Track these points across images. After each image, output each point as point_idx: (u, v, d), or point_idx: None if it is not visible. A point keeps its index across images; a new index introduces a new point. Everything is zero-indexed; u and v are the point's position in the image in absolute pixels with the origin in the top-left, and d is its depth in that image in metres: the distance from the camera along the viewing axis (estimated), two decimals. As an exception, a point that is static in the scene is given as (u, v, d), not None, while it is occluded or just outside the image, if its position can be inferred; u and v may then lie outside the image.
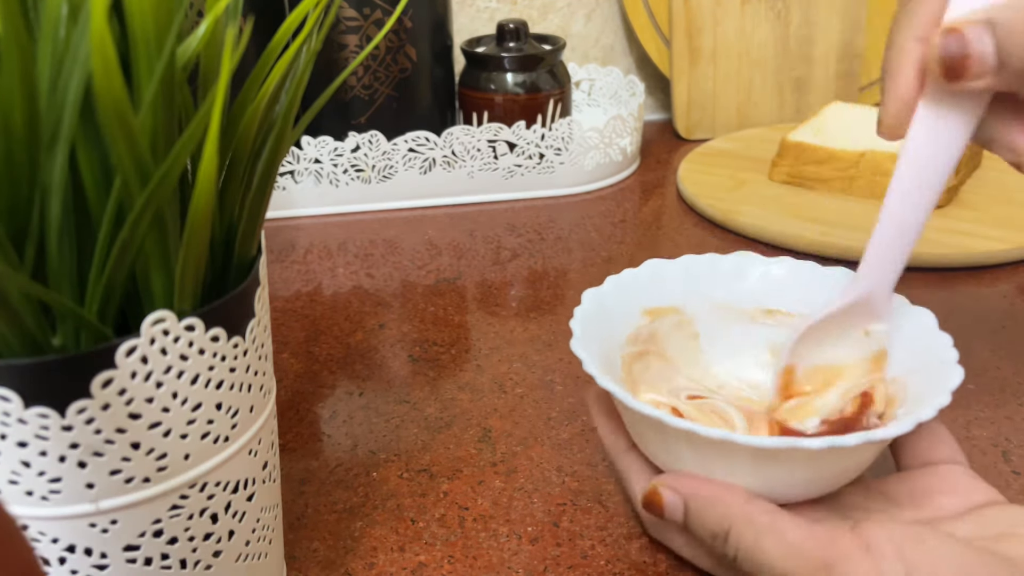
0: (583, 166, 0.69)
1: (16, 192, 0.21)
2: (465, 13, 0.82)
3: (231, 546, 0.28)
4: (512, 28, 0.68)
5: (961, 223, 0.59)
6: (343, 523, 0.37)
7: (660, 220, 0.65)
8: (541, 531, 0.36)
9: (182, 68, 0.23)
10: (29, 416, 0.22)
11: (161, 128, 0.22)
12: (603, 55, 0.86)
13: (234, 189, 0.26)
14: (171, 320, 0.23)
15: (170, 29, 0.21)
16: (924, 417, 0.29)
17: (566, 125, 0.67)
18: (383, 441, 0.42)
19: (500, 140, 0.66)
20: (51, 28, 0.21)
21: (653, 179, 0.73)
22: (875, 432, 0.29)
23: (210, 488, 0.26)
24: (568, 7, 0.83)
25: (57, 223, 0.22)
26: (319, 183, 0.66)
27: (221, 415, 0.26)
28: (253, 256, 0.27)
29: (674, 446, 0.32)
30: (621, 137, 0.70)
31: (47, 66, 0.21)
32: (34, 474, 0.23)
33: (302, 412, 0.44)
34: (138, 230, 0.22)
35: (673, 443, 0.31)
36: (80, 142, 0.22)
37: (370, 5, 0.62)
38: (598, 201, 0.69)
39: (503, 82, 0.68)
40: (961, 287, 0.54)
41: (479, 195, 0.68)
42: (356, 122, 0.67)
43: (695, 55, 0.78)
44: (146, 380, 0.23)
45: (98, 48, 0.18)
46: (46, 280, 0.22)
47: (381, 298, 0.55)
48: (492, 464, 0.40)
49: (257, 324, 0.27)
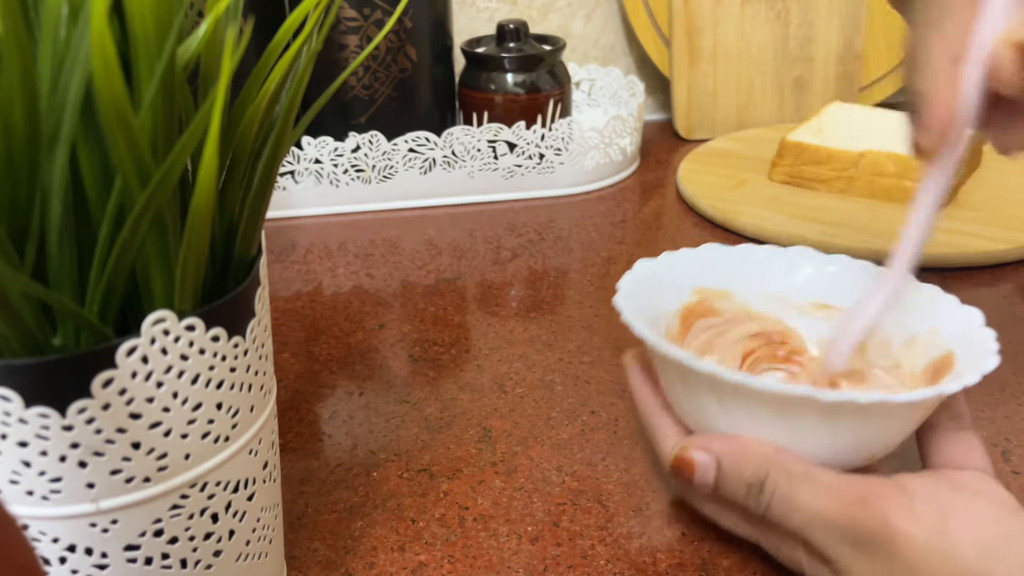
0: (583, 166, 0.69)
1: (16, 192, 0.21)
2: (465, 13, 0.82)
3: (231, 546, 0.28)
4: (512, 28, 0.68)
5: (961, 223, 0.59)
6: (343, 523, 0.37)
7: (660, 220, 0.65)
8: (541, 531, 0.36)
9: (182, 68, 0.23)
10: (30, 416, 0.22)
11: (161, 128, 0.22)
12: (603, 55, 0.86)
13: (234, 189, 0.26)
14: (171, 320, 0.23)
15: (170, 29, 0.21)
16: (946, 391, 0.29)
17: (566, 125, 0.67)
18: (383, 441, 0.42)
19: (500, 140, 0.66)
20: (51, 28, 0.21)
21: (653, 179, 0.73)
22: (892, 395, 0.29)
23: (210, 488, 0.26)
24: (568, 7, 0.83)
25: (57, 223, 0.22)
26: (319, 183, 0.66)
27: (221, 415, 0.26)
28: (253, 256, 0.27)
29: (701, 396, 0.32)
30: (621, 137, 0.70)
31: (47, 66, 0.21)
32: (35, 474, 0.23)
33: (302, 412, 0.44)
34: (138, 230, 0.22)
35: (699, 392, 0.32)
36: (81, 142, 0.22)
37: (370, 5, 0.63)
38: (598, 201, 0.69)
39: (503, 82, 0.68)
40: (961, 287, 0.54)
41: (479, 195, 0.68)
42: (356, 122, 0.67)
43: (695, 55, 0.78)
44: (147, 380, 0.23)
45: (98, 48, 0.18)
46: (46, 280, 0.22)
47: (381, 298, 0.55)
48: (492, 464, 0.40)
49: (257, 324, 0.27)
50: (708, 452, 0.32)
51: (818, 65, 0.80)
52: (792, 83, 0.80)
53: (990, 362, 0.31)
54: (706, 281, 0.40)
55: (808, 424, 0.30)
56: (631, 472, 0.39)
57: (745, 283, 0.40)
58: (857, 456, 0.32)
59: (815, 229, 0.59)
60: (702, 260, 0.40)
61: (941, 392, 0.29)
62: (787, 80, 0.80)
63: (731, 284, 0.40)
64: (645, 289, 0.37)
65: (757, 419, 0.31)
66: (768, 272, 0.40)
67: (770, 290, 0.40)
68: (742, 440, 0.31)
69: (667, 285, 0.38)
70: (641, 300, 0.36)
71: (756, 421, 0.31)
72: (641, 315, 0.34)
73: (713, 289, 0.40)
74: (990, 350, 0.32)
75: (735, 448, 0.31)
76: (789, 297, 0.40)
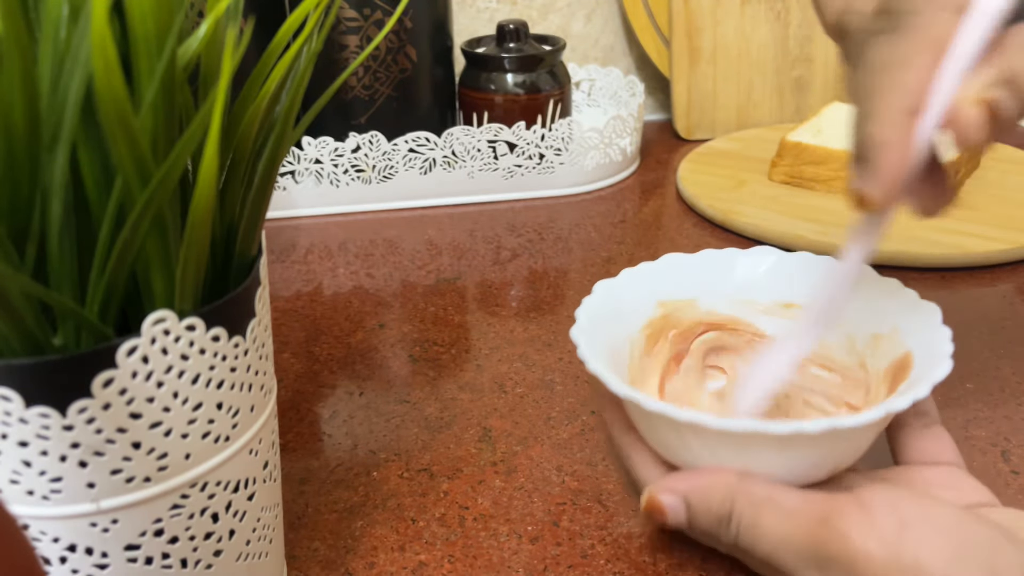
0: (583, 166, 0.69)
1: (17, 192, 0.21)
2: (465, 13, 0.82)
3: (232, 545, 0.28)
4: (512, 29, 0.68)
5: (961, 223, 0.59)
6: (343, 523, 0.37)
7: (660, 220, 0.65)
8: (541, 530, 0.36)
9: (183, 68, 0.23)
10: (30, 416, 0.22)
11: (161, 128, 0.22)
12: (603, 55, 0.86)
13: (235, 189, 0.26)
14: (172, 320, 0.23)
15: (171, 30, 0.21)
16: (895, 408, 0.29)
17: (566, 125, 0.67)
18: (383, 441, 0.42)
19: (500, 140, 0.66)
20: (52, 28, 0.21)
21: (653, 179, 0.73)
22: (839, 420, 0.29)
23: (211, 487, 0.26)
24: (568, 7, 0.83)
25: (58, 223, 0.22)
26: (320, 183, 0.66)
27: (222, 415, 0.26)
28: (254, 256, 0.27)
29: (660, 431, 0.32)
30: (621, 137, 0.70)
31: (48, 66, 0.21)
32: (35, 473, 0.23)
33: (302, 412, 0.44)
34: (139, 230, 0.22)
35: (658, 426, 0.32)
36: (81, 142, 0.22)
37: (370, 6, 0.63)
38: (598, 201, 0.69)
39: (503, 82, 0.68)
40: (961, 287, 0.54)
41: (479, 195, 0.68)
42: (356, 122, 0.67)
43: (695, 55, 0.78)
44: (147, 380, 0.23)
45: (99, 48, 0.18)
46: (47, 280, 0.22)
47: (381, 298, 0.55)
48: (492, 464, 0.40)
49: (258, 324, 0.27)
50: (675, 493, 0.31)
51: (818, 65, 0.80)
52: (792, 83, 0.80)
53: (941, 370, 0.31)
54: (669, 292, 0.39)
55: (764, 452, 0.30)
56: (631, 472, 0.39)
57: (710, 289, 0.40)
58: (818, 473, 0.32)
59: (814, 229, 0.59)
60: (664, 271, 0.39)
61: (889, 412, 0.29)
62: (787, 80, 0.80)
63: (695, 292, 0.39)
64: (608, 310, 0.36)
65: (716, 452, 0.31)
66: (732, 275, 0.40)
67: (734, 294, 0.40)
68: (705, 473, 0.31)
69: (630, 302, 0.38)
70: (604, 323, 0.35)
71: (715, 453, 0.31)
72: (605, 339, 0.34)
73: (677, 300, 0.39)
74: (945, 352, 0.32)
75: (700, 483, 0.31)
76: (755, 299, 0.40)
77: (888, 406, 0.29)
